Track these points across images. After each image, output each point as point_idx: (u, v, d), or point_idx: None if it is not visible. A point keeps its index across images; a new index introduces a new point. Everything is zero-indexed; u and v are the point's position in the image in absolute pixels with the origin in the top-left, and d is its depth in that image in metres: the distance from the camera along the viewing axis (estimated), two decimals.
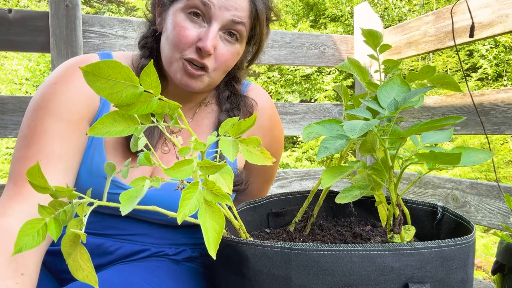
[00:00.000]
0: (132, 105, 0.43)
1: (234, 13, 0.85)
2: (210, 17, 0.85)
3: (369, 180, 0.73)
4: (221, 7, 0.84)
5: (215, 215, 0.42)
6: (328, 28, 7.10)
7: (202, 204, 0.42)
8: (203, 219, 0.41)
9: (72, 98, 0.84)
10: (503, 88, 1.46)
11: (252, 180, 1.10)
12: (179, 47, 0.85)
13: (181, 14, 0.85)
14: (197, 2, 0.84)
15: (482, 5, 1.43)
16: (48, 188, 0.49)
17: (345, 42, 1.98)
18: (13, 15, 1.43)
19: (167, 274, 0.84)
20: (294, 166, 5.86)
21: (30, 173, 0.47)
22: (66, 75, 0.86)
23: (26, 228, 0.48)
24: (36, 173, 0.47)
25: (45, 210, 0.50)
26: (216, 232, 0.41)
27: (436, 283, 0.60)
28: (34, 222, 0.49)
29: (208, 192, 0.42)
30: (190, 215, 0.45)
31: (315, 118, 1.92)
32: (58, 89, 0.84)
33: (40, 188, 0.49)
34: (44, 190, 0.49)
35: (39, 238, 0.48)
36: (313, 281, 0.60)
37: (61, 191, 0.49)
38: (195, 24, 0.85)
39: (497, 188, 1.38)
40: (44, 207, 0.50)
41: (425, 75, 0.70)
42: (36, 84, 7.31)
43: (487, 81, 6.37)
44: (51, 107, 0.82)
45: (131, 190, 0.50)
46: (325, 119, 0.70)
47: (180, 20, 0.85)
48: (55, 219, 0.50)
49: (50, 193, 0.50)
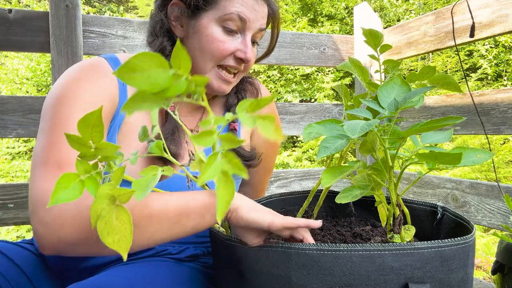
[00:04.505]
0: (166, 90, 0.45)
1: (261, 22, 0.93)
2: (244, 29, 0.91)
3: (369, 180, 0.73)
4: (254, 19, 0.91)
5: (227, 186, 0.45)
6: (324, 27, 7.11)
7: (220, 174, 0.45)
8: (219, 188, 0.45)
9: (95, 95, 0.84)
10: (503, 88, 1.46)
11: (254, 172, 1.15)
12: (217, 59, 0.90)
13: (217, 26, 0.89)
14: (235, 17, 0.88)
15: (482, 5, 1.43)
16: (88, 145, 0.48)
17: (345, 42, 1.98)
18: (13, 15, 1.43)
19: (169, 275, 0.85)
20: (294, 166, 5.87)
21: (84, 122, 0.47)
22: (86, 75, 0.85)
23: (63, 181, 0.48)
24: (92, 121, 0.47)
25: (82, 166, 0.49)
26: (226, 202, 0.45)
27: (436, 283, 0.60)
28: (70, 176, 0.49)
29: (226, 163, 0.45)
30: None
31: (315, 118, 1.92)
32: (81, 85, 0.83)
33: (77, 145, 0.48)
34: (82, 147, 0.49)
35: (76, 192, 0.48)
36: (313, 281, 0.60)
37: (103, 147, 0.49)
38: (232, 37, 0.90)
39: (497, 188, 1.39)
40: (82, 162, 0.49)
41: (426, 75, 0.70)
42: (37, 84, 7.31)
43: (487, 81, 6.37)
44: (77, 102, 0.81)
45: (143, 178, 0.52)
46: (325, 119, 0.70)
47: (217, 33, 0.89)
48: (91, 177, 0.50)
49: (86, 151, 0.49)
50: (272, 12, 0.97)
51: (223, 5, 0.88)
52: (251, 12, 0.90)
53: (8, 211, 1.42)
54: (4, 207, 1.41)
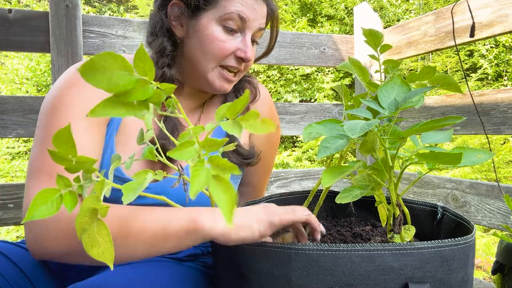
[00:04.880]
0: (129, 93, 0.43)
1: (260, 21, 0.94)
2: (244, 28, 0.91)
3: (369, 180, 0.73)
4: (253, 19, 0.91)
5: (226, 188, 0.43)
6: (324, 27, 7.11)
7: (212, 180, 0.42)
8: (216, 193, 0.42)
9: (89, 100, 0.84)
10: (503, 88, 1.46)
11: (254, 171, 1.15)
12: (219, 59, 0.90)
13: (217, 26, 0.89)
14: (235, 16, 0.88)
15: (482, 5, 1.42)
16: (68, 159, 0.47)
17: (345, 42, 1.98)
18: (13, 15, 1.43)
19: (169, 275, 0.84)
20: (294, 166, 5.86)
21: (57, 138, 0.45)
22: (78, 79, 0.85)
23: (42, 197, 0.48)
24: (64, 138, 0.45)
25: (62, 181, 0.49)
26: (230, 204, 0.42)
27: (436, 283, 0.60)
28: (49, 191, 0.48)
29: (215, 167, 0.43)
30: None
31: (315, 118, 1.92)
32: (75, 91, 0.84)
33: (60, 159, 0.47)
34: (63, 161, 0.48)
35: (53, 209, 0.48)
36: (313, 281, 0.60)
37: (82, 161, 0.48)
38: (232, 36, 0.91)
39: (497, 188, 1.38)
40: (62, 177, 0.49)
41: (426, 75, 0.70)
42: (37, 84, 7.31)
43: (487, 81, 6.37)
44: (70, 107, 0.82)
45: (133, 182, 0.52)
46: (325, 119, 0.70)
47: (217, 33, 0.89)
48: (70, 192, 0.49)
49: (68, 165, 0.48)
50: (271, 11, 0.98)
51: (223, 4, 0.88)
52: (251, 12, 0.90)
53: (8, 211, 1.42)
54: (4, 207, 1.42)
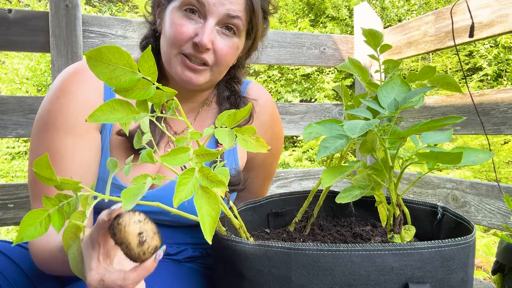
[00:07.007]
0: (130, 91, 0.43)
1: (229, 7, 0.86)
2: (205, 13, 0.86)
3: (369, 180, 0.73)
4: (215, 3, 0.85)
5: (211, 201, 0.43)
6: (327, 27, 7.11)
7: (198, 190, 0.42)
8: (199, 205, 0.42)
9: (76, 111, 0.84)
10: (503, 88, 1.46)
11: (253, 177, 1.12)
12: (176, 43, 0.86)
13: (178, 12, 0.87)
14: (192, 0, 0.85)
15: (482, 5, 1.42)
16: (54, 180, 0.49)
17: (345, 42, 1.98)
18: (13, 15, 1.43)
19: (168, 275, 0.84)
20: (294, 166, 5.86)
21: (37, 165, 0.47)
22: (67, 86, 0.86)
23: (30, 218, 0.48)
24: (43, 164, 0.47)
25: (49, 201, 0.50)
26: (212, 217, 0.42)
27: (436, 283, 0.60)
28: (38, 212, 0.49)
29: (203, 178, 0.43)
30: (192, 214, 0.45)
31: (315, 118, 1.92)
32: (62, 103, 0.84)
33: (46, 180, 0.49)
34: (50, 181, 0.49)
35: (42, 229, 0.48)
36: (313, 281, 0.60)
37: (66, 183, 0.50)
38: (192, 21, 0.86)
39: (497, 188, 1.38)
40: (49, 198, 0.50)
41: (426, 75, 0.70)
42: (37, 84, 7.31)
43: (487, 81, 6.37)
44: (57, 124, 0.83)
45: (132, 187, 0.51)
46: (325, 119, 0.70)
47: (176, 18, 0.86)
48: (58, 210, 0.50)
49: (55, 184, 0.50)
50: (250, 2, 0.89)
51: None
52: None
53: (8, 211, 1.42)
54: (4, 207, 1.42)
